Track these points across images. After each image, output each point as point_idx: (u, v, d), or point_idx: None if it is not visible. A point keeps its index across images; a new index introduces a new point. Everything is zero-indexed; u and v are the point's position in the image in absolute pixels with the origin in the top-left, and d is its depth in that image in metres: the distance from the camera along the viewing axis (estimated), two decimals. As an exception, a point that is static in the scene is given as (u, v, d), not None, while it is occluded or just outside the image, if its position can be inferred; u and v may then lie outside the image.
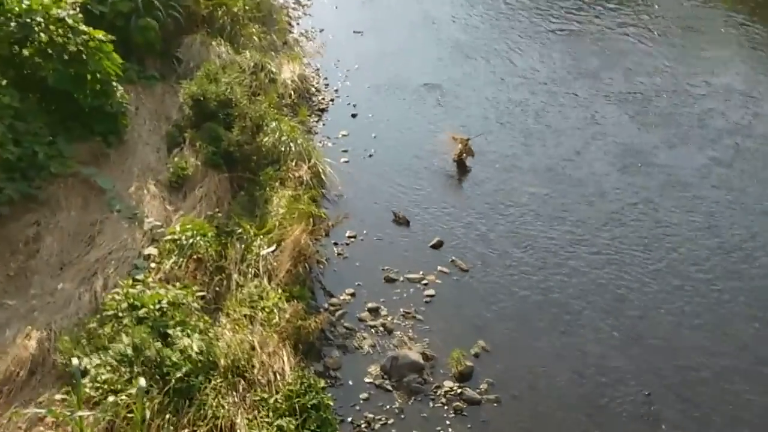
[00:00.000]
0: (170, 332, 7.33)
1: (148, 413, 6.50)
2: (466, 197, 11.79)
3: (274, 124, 11.62)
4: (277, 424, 6.96)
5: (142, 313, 7.44)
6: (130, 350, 7.04)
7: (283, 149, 11.21)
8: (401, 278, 9.75)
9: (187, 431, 6.68)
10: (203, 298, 8.12)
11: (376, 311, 9.15)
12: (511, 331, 8.94)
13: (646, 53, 16.49)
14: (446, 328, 8.94)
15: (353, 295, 9.40)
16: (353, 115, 14.25)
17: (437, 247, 10.42)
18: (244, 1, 14.48)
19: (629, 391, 8.22)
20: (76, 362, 6.58)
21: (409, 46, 16.82)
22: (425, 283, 9.69)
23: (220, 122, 11.13)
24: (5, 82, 9.14)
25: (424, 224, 10.95)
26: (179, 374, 6.91)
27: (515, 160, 12.69)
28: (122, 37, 11.18)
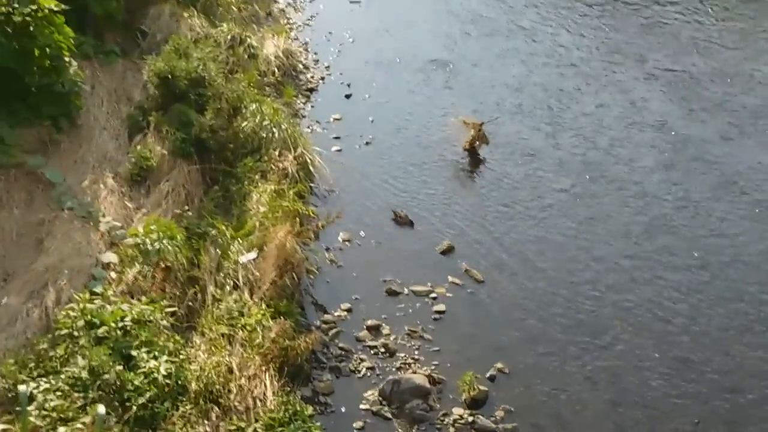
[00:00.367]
0: (134, 354, 7.31)
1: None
2: (480, 194, 11.81)
3: (254, 106, 11.63)
4: (255, 457, 6.95)
5: (101, 332, 7.40)
6: (85, 373, 7.01)
7: (264, 136, 11.21)
8: (405, 291, 9.76)
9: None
10: (174, 314, 8.09)
11: (376, 330, 9.15)
12: (533, 351, 8.95)
13: (699, 29, 16.46)
14: (458, 348, 8.94)
15: (350, 310, 9.40)
16: (347, 95, 14.26)
17: (447, 253, 10.43)
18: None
19: (674, 421, 8.22)
20: (23, 388, 6.54)
21: (413, 16, 16.86)
22: (434, 296, 9.69)
23: (190, 104, 11.13)
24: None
25: (431, 226, 10.96)
26: (142, 400, 6.90)
27: (539, 150, 12.71)
28: (78, 6, 11.12)
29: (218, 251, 9.08)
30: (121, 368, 7.10)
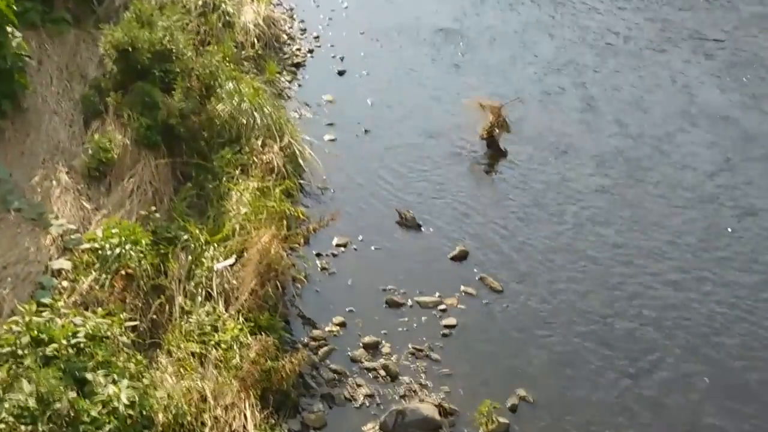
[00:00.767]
0: (89, 377, 7.30)
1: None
2: (499, 191, 11.84)
3: (230, 84, 11.68)
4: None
5: (50, 350, 7.36)
6: (32, 401, 6.99)
7: (244, 122, 11.28)
8: (409, 302, 9.80)
9: None
10: (135, 329, 8.11)
11: (374, 348, 9.18)
12: (562, 376, 8.98)
13: (763, 1, 16.38)
14: (472, 371, 8.97)
15: (343, 325, 9.43)
16: (340, 72, 14.30)
17: (460, 259, 10.48)
18: None
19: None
20: (-42, 419, 6.57)
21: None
22: (443, 309, 9.74)
23: (155, 82, 11.16)
24: None
25: (441, 228, 11.00)
26: (101, 435, 6.87)
27: (571, 142, 12.76)
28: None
29: (190, 257, 9.13)
30: (74, 395, 7.09)
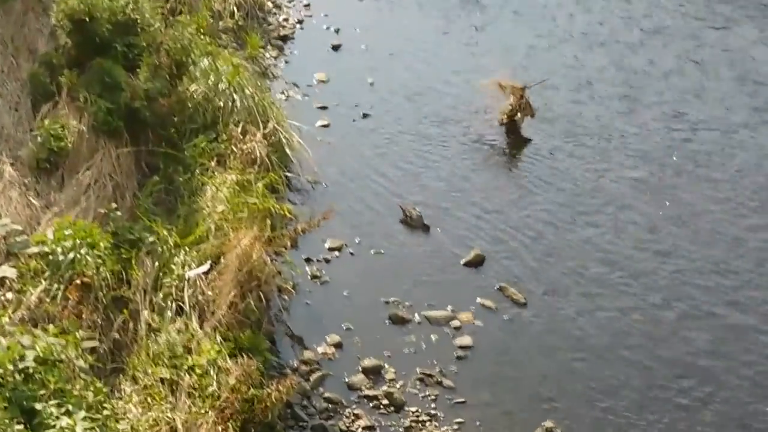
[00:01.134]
0: (39, 408, 7.28)
1: None
2: (521, 185, 11.84)
3: (206, 61, 11.62)
4: None
5: (-7, 376, 7.40)
6: (-28, 437, 7.00)
7: (221, 105, 11.25)
8: (417, 318, 9.78)
9: None
10: (94, 351, 8.05)
11: (376, 373, 9.16)
12: (596, 406, 8.93)
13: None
14: (491, 400, 8.94)
15: (339, 345, 9.42)
16: (335, 47, 14.34)
17: (475, 265, 10.49)
18: None
19: None
20: None
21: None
22: (457, 326, 9.72)
23: (117, 59, 11.13)
24: None
25: (452, 228, 11.01)
26: (54, 477, 6.87)
27: (608, 128, 12.78)
28: None
29: (157, 263, 9.09)
30: (21, 428, 7.07)
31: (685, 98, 13.53)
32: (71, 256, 8.57)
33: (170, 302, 8.79)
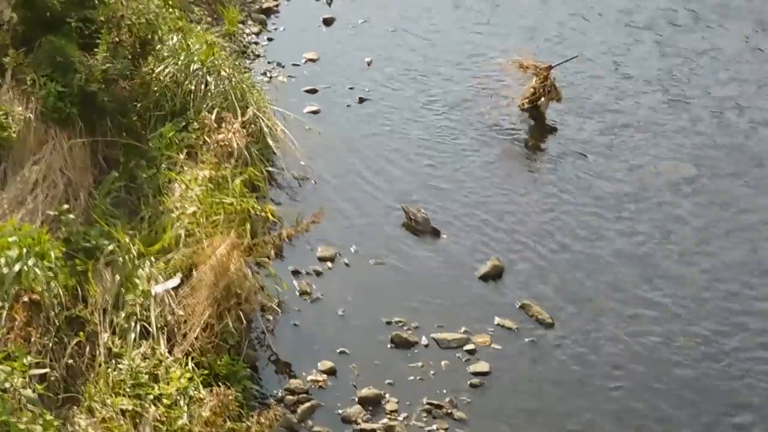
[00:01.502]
0: (-20, 446, 7.29)
1: None
2: (545, 183, 11.90)
3: (174, 39, 11.68)
4: None
5: (-76, 409, 7.38)
6: None
7: (193, 88, 11.31)
8: (424, 340, 9.78)
9: None
10: (44, 378, 8.03)
11: (375, 404, 9.12)
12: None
13: None
14: (511, 437, 9.00)
15: (332, 372, 9.40)
16: (326, 20, 14.44)
17: (493, 278, 10.50)
18: None
19: None
20: None
21: None
22: (471, 349, 9.70)
23: (71, 35, 11.12)
24: None
25: (464, 234, 11.05)
26: None
27: (648, 117, 12.80)
28: None
29: (117, 277, 9.07)
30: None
31: (744, 90, 13.53)
32: (16, 268, 8.47)
33: (134, 323, 8.79)
